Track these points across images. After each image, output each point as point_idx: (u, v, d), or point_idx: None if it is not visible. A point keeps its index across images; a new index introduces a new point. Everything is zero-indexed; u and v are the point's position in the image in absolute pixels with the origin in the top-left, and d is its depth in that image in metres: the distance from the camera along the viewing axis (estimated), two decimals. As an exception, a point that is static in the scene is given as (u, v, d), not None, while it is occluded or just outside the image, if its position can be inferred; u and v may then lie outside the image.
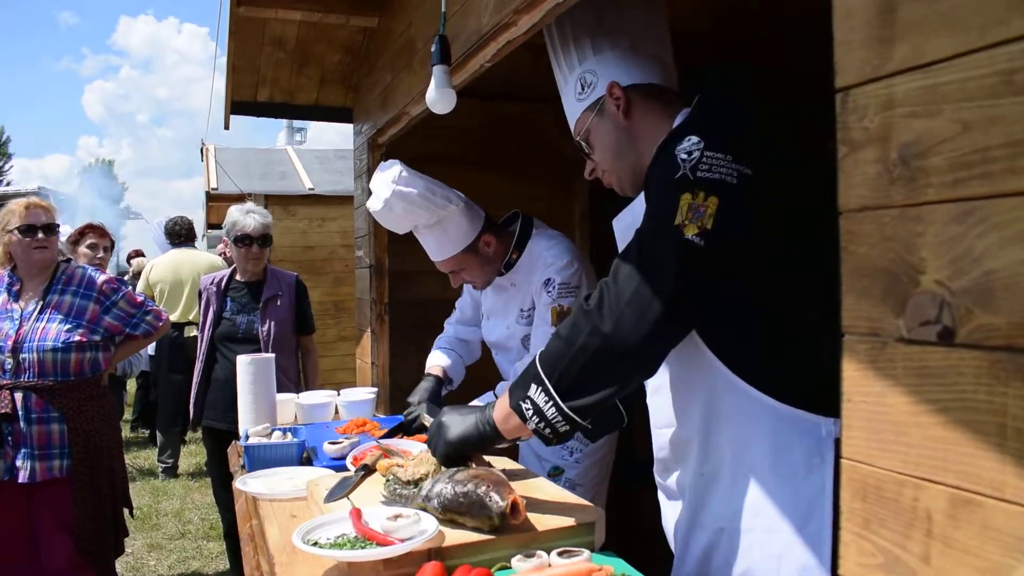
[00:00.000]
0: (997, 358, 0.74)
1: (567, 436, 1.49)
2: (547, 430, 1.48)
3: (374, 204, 2.52)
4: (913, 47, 0.81)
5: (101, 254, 4.90)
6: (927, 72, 0.79)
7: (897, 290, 0.83)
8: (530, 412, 1.48)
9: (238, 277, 4.01)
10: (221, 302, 3.99)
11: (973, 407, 0.76)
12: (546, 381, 1.45)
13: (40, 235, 3.19)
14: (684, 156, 1.39)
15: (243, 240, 3.87)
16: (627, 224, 1.68)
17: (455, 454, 1.67)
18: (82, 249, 4.86)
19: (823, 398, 1.37)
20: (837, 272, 0.91)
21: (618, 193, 1.77)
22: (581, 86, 1.72)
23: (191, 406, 4.08)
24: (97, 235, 4.96)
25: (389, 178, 2.49)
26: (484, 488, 1.48)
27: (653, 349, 1.43)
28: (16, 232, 3.19)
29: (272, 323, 3.86)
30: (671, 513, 1.71)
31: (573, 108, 1.76)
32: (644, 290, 1.39)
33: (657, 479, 1.75)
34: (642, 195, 1.58)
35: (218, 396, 3.90)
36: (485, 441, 1.63)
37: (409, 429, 2.50)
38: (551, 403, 1.44)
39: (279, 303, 3.92)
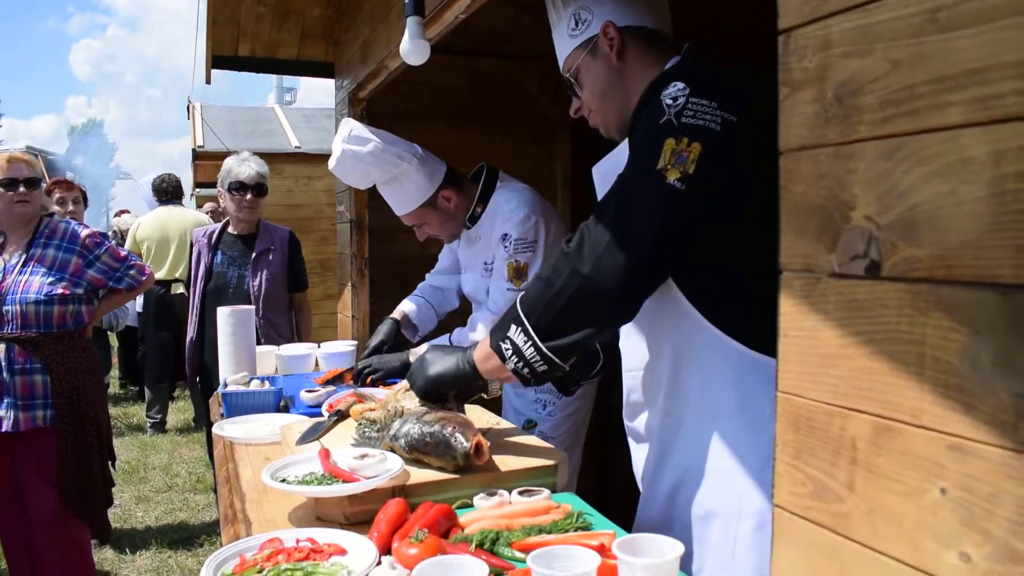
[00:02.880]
0: (918, 290, 0.77)
1: (545, 376, 1.52)
2: (525, 370, 1.50)
3: (330, 161, 2.61)
4: (850, -13, 0.82)
5: (71, 207, 4.87)
6: (861, 12, 0.81)
7: (830, 226, 0.86)
8: (509, 352, 1.50)
9: (230, 230, 3.99)
10: (212, 255, 3.94)
11: (896, 338, 0.79)
12: (525, 322, 1.47)
13: (21, 189, 3.19)
14: (669, 101, 1.40)
15: (237, 188, 3.84)
16: (606, 171, 1.69)
17: (432, 389, 1.69)
18: (51, 206, 4.84)
19: None
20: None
21: (602, 134, 1.76)
22: (575, 21, 1.69)
23: (186, 364, 4.08)
24: (64, 189, 4.93)
25: (341, 136, 2.55)
26: (450, 429, 1.52)
27: (631, 292, 1.45)
28: None
29: (263, 278, 3.85)
30: (639, 456, 1.75)
31: (564, 43, 1.73)
32: (624, 233, 1.40)
33: (626, 423, 1.79)
34: (625, 143, 1.60)
35: (214, 356, 3.90)
36: (462, 379, 1.65)
37: (358, 377, 2.52)
38: (530, 343, 1.47)
39: (271, 257, 3.90)
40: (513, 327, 1.50)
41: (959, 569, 0.74)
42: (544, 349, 1.46)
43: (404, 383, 1.77)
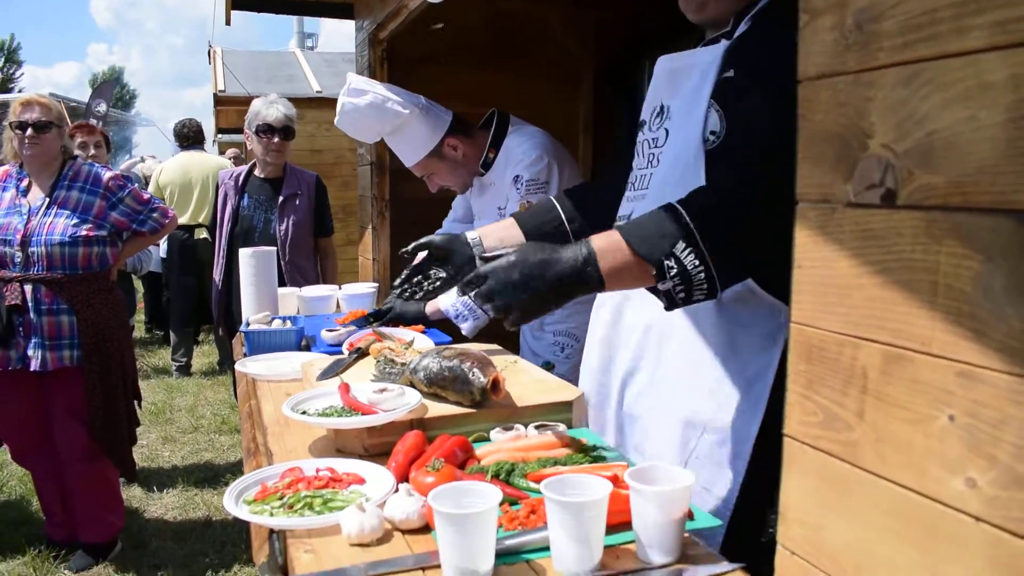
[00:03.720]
0: (933, 217, 0.76)
1: (693, 303, 1.40)
2: (682, 294, 1.36)
3: (336, 118, 2.64)
4: (873, -91, 0.81)
5: (92, 152, 4.88)
6: (884, -66, 0.80)
7: (847, 155, 0.85)
8: (673, 271, 1.33)
9: (257, 173, 3.97)
10: (239, 198, 3.93)
11: (909, 266, 0.79)
12: (702, 244, 1.33)
13: (29, 131, 3.19)
14: None
15: (265, 130, 3.81)
16: (677, 68, 1.65)
17: (552, 299, 1.39)
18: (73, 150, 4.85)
19: None
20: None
21: (682, 8, 1.63)
22: None
23: (212, 307, 4.11)
24: (85, 133, 4.92)
25: (343, 91, 2.58)
26: (468, 364, 1.54)
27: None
28: (10, 128, 3.22)
29: (290, 222, 3.84)
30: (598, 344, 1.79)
31: None
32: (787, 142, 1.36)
33: (595, 312, 1.84)
34: (708, 54, 1.55)
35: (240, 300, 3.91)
36: (583, 285, 1.38)
37: (382, 318, 2.55)
38: (702, 268, 1.33)
39: (298, 202, 3.89)
40: (682, 245, 1.33)
41: (965, 495, 0.75)
42: (716, 275, 1.34)
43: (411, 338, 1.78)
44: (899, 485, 0.81)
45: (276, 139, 3.82)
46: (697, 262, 1.33)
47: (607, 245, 1.38)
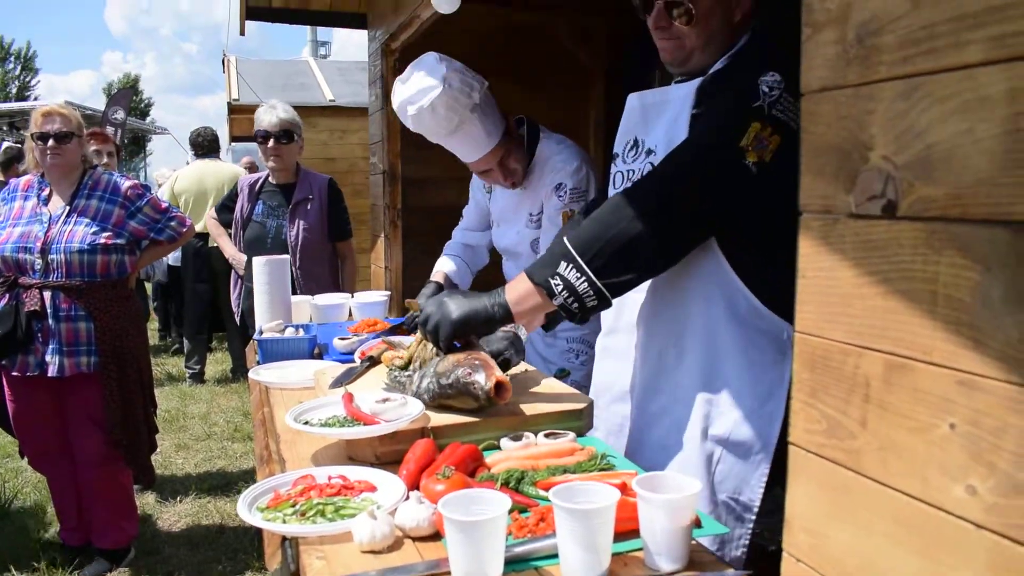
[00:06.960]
0: (933, 228, 0.78)
1: (593, 311, 1.59)
2: (575, 305, 1.56)
3: (407, 108, 2.31)
4: (873, -74, 0.82)
5: (105, 160, 4.92)
6: (883, -50, 0.81)
7: (848, 167, 0.87)
8: (559, 287, 1.56)
9: (271, 179, 3.99)
10: (252, 205, 3.95)
11: (910, 276, 0.80)
12: (579, 259, 1.54)
13: (51, 142, 3.23)
14: (766, 89, 1.48)
15: (264, 137, 3.81)
16: (650, 104, 1.76)
17: (460, 333, 1.67)
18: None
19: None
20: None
21: (665, 61, 1.73)
22: None
23: (234, 308, 4.11)
24: (99, 141, 4.96)
25: (431, 76, 2.28)
26: (465, 372, 1.55)
27: (681, 245, 1.57)
28: (31, 139, 3.26)
29: (300, 228, 3.82)
30: (613, 368, 1.87)
31: None
32: (692, 194, 1.52)
33: (602, 340, 1.91)
34: (681, 90, 1.66)
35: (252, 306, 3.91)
36: (491, 322, 1.66)
37: (410, 328, 2.56)
38: (584, 279, 1.54)
39: (309, 207, 3.87)
40: (564, 264, 1.56)
41: (965, 502, 0.75)
42: (599, 284, 1.53)
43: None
44: (901, 492, 0.82)
45: (271, 143, 3.83)
46: (577, 274, 1.54)
47: (514, 281, 1.66)
